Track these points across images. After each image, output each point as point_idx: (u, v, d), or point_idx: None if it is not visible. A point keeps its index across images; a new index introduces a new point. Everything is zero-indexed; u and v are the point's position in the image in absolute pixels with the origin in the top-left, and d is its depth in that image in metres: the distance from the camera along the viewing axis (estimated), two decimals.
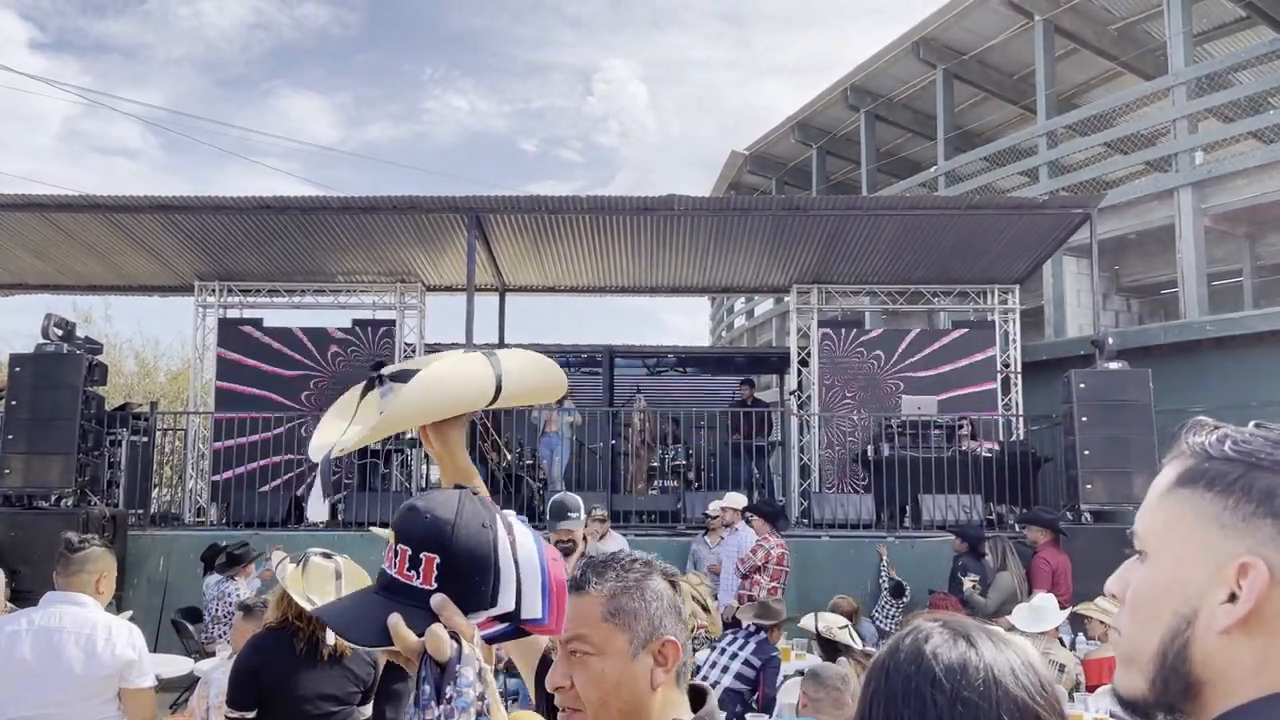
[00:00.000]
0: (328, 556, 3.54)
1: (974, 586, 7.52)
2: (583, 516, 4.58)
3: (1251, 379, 11.87)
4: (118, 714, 3.51)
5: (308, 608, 3.39)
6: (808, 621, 6.35)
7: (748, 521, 8.78)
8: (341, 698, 3.51)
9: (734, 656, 5.72)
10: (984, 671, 1.00)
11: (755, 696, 5.67)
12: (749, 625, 5.94)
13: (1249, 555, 0.86)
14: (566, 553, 4.00)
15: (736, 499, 9.26)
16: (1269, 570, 0.85)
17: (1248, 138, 14.24)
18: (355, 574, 3.65)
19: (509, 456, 11.25)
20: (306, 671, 3.43)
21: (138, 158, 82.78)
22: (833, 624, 6.30)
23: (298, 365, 12.67)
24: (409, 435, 11.68)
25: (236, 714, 3.38)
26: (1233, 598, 0.86)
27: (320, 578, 3.46)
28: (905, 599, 8.88)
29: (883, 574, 9.40)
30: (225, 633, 6.96)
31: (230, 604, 7.12)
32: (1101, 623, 6.71)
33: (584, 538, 4.69)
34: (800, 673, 4.65)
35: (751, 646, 5.79)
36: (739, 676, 5.66)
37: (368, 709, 3.65)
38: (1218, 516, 0.89)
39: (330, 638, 3.48)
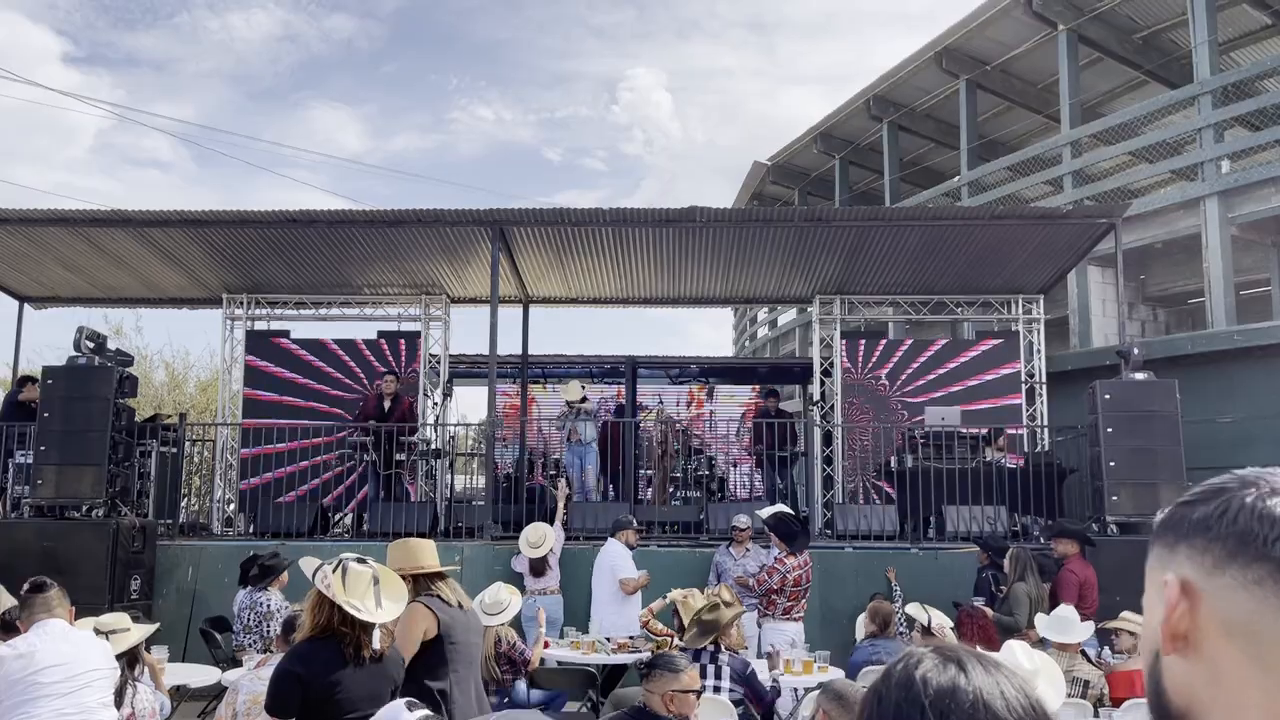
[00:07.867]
0: (362, 561, 3.56)
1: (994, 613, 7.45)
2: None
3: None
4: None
5: (356, 615, 3.44)
6: (916, 611, 6.32)
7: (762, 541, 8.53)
8: (381, 699, 3.56)
9: (717, 690, 5.42)
10: (972, 695, 1.00)
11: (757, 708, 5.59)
12: (708, 647, 5.63)
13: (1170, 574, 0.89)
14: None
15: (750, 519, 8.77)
16: (1181, 583, 0.87)
17: (1275, 146, 14.10)
18: (390, 579, 3.68)
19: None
20: (354, 676, 3.46)
21: (170, 170, 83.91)
22: (944, 624, 6.23)
23: (324, 375, 12.81)
24: (433, 446, 11.78)
25: None
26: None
27: (360, 584, 3.49)
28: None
29: (895, 593, 9.27)
30: (256, 642, 6.99)
31: (261, 614, 7.14)
32: (1130, 634, 6.66)
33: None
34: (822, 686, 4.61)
35: (727, 672, 5.55)
36: (735, 703, 5.47)
37: None
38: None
39: (375, 640, 3.51)
